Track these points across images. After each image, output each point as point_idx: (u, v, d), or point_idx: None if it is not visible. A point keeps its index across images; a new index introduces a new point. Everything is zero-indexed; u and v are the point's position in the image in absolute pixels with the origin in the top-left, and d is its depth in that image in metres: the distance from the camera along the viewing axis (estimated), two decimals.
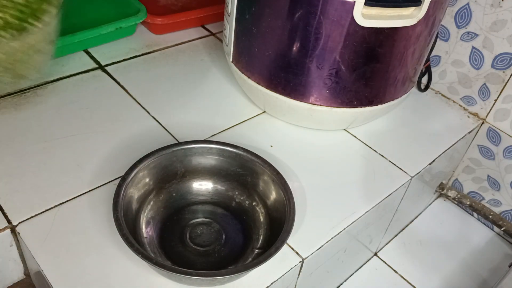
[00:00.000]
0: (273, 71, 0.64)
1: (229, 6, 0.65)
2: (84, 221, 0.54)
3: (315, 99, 0.65)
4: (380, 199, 0.64)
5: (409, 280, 0.78)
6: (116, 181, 0.58)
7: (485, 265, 0.84)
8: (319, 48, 0.60)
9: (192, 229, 0.56)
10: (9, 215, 0.53)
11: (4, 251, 0.54)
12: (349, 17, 0.56)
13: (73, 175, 0.59)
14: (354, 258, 0.74)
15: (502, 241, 0.88)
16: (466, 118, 0.83)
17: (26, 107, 0.66)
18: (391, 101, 0.69)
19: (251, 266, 0.47)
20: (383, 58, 0.62)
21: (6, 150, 0.60)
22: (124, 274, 0.50)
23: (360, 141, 0.73)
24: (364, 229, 0.66)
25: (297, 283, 0.58)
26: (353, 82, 0.63)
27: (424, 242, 0.85)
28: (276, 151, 0.67)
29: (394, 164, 0.70)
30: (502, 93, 0.79)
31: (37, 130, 0.63)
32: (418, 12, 0.59)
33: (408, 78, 0.69)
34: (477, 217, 0.90)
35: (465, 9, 0.77)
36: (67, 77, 0.73)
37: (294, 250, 0.56)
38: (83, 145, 0.63)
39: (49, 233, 0.52)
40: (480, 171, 0.87)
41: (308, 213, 0.60)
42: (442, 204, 0.92)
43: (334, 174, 0.66)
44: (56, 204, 0.55)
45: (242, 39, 0.66)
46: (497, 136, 0.82)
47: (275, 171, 0.56)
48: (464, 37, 0.79)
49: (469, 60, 0.80)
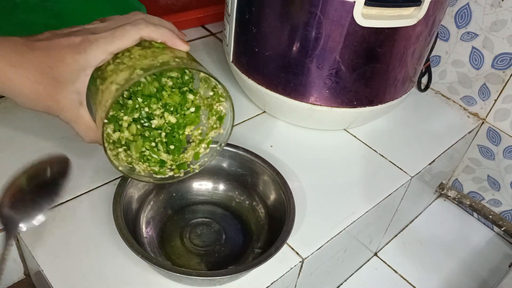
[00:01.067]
0: (273, 71, 0.64)
1: (229, 6, 0.65)
2: (84, 221, 0.54)
3: (315, 99, 0.65)
4: (380, 199, 0.64)
5: (409, 280, 0.78)
6: (116, 181, 0.58)
7: (485, 265, 0.84)
8: (319, 48, 0.60)
9: (192, 229, 0.56)
10: None
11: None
12: (349, 17, 0.56)
13: (73, 175, 0.59)
14: (354, 258, 0.74)
15: (502, 241, 0.88)
16: (466, 118, 0.83)
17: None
18: (391, 101, 0.69)
19: (251, 266, 0.47)
20: (383, 58, 0.62)
21: (6, 150, 0.60)
22: (124, 274, 0.50)
23: (360, 141, 0.73)
24: (364, 229, 0.66)
25: (297, 283, 0.58)
26: (353, 82, 0.63)
27: (424, 242, 0.85)
28: (276, 151, 0.67)
29: (394, 164, 0.70)
30: (502, 93, 0.79)
31: (37, 130, 0.63)
32: (418, 12, 0.59)
33: (408, 78, 0.69)
34: (477, 217, 0.90)
35: (465, 9, 0.77)
36: None
37: (294, 250, 0.56)
38: (83, 145, 0.63)
39: (49, 233, 0.52)
40: (480, 171, 0.87)
41: (308, 213, 0.60)
42: (442, 204, 0.92)
43: (334, 174, 0.66)
44: (56, 204, 0.55)
45: (242, 39, 0.66)
46: (497, 136, 0.82)
47: (275, 171, 0.56)
48: (464, 37, 0.79)
49: (469, 60, 0.80)
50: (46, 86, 0.42)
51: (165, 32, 0.46)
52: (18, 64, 0.40)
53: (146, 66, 0.44)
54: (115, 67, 0.45)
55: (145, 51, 0.45)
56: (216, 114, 0.52)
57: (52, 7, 0.81)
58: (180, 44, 0.47)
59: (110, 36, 0.44)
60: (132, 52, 0.45)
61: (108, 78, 0.44)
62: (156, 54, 0.45)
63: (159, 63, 0.44)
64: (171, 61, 0.45)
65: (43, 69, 0.41)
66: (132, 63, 0.44)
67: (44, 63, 0.41)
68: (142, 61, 0.44)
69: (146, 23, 0.45)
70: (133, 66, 0.44)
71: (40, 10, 0.80)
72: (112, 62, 0.45)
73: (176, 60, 0.45)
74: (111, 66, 0.45)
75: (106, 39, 0.43)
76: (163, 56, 0.45)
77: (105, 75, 0.45)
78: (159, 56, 0.45)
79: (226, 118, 0.52)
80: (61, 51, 0.42)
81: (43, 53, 0.41)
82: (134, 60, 0.44)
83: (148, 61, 0.44)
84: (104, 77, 0.45)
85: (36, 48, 0.42)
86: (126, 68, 0.44)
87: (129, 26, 0.45)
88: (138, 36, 0.45)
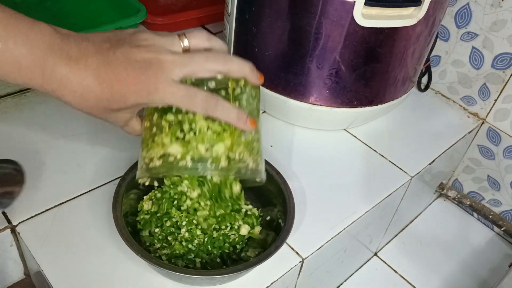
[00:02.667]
0: (273, 71, 0.64)
1: (229, 6, 0.65)
2: (84, 221, 0.54)
3: (315, 99, 0.65)
4: (380, 199, 0.64)
5: (409, 280, 0.78)
6: (116, 181, 0.58)
7: (485, 265, 0.84)
8: (319, 48, 0.60)
9: None
10: (9, 215, 0.53)
11: (4, 251, 0.54)
12: (349, 17, 0.56)
13: (73, 175, 0.59)
14: (354, 258, 0.74)
15: (502, 241, 0.88)
16: (466, 118, 0.83)
17: (27, 107, 0.66)
18: (391, 101, 0.69)
19: (251, 266, 0.47)
20: (383, 58, 0.62)
21: (6, 150, 0.60)
22: (124, 274, 0.50)
23: (360, 141, 0.73)
24: (364, 229, 0.66)
25: (297, 283, 0.58)
26: (353, 82, 0.63)
27: (424, 242, 0.84)
28: (276, 151, 0.67)
29: (394, 164, 0.70)
30: (502, 93, 0.79)
31: (37, 130, 0.63)
32: (418, 12, 0.59)
33: (408, 78, 0.69)
34: (477, 217, 0.90)
35: (465, 9, 0.77)
36: None
37: (294, 250, 0.56)
38: (83, 145, 0.63)
39: (49, 233, 0.52)
40: (480, 171, 0.87)
41: (308, 213, 0.60)
42: (442, 204, 0.92)
43: (334, 174, 0.66)
44: (56, 204, 0.55)
45: (242, 39, 0.66)
46: (497, 136, 0.82)
47: (275, 171, 0.56)
48: (464, 37, 0.79)
49: (469, 60, 0.80)
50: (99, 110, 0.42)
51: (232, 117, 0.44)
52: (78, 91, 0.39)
53: (198, 157, 0.44)
54: (174, 124, 0.44)
55: (208, 124, 0.45)
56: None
57: (52, 7, 0.81)
58: (244, 128, 0.45)
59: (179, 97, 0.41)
60: (196, 119, 0.45)
61: (163, 133, 0.45)
62: (214, 140, 0.44)
63: (211, 158, 0.44)
64: (222, 160, 0.44)
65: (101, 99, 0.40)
66: (189, 138, 0.44)
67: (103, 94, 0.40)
68: (198, 145, 0.44)
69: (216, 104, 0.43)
70: (187, 145, 0.44)
71: (39, 10, 0.80)
72: (174, 112, 0.45)
73: (228, 156, 0.45)
74: (171, 116, 0.45)
75: (173, 97, 0.41)
76: (219, 147, 0.44)
77: (163, 123, 0.45)
78: (216, 144, 0.44)
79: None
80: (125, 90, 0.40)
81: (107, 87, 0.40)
82: (191, 135, 0.44)
83: (203, 148, 0.44)
84: (161, 123, 0.45)
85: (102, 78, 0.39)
86: (181, 143, 0.44)
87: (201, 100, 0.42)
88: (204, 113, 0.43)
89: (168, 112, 0.45)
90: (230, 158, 0.45)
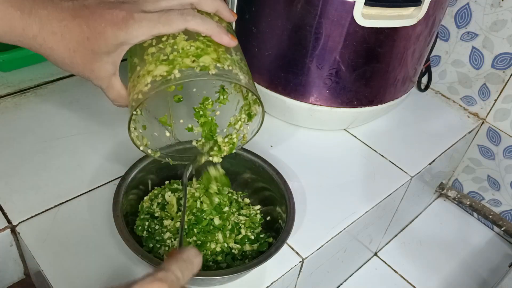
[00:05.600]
0: (273, 71, 0.64)
1: (229, 6, 0.65)
2: (84, 221, 0.54)
3: (315, 99, 0.65)
4: (380, 199, 0.64)
5: (409, 280, 0.78)
6: (116, 181, 0.58)
7: (485, 265, 0.84)
8: (319, 48, 0.60)
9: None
10: (9, 215, 0.53)
11: (4, 251, 0.54)
12: (349, 17, 0.56)
13: (73, 175, 0.59)
14: (354, 258, 0.74)
15: (502, 241, 0.88)
16: (466, 118, 0.83)
17: (27, 107, 0.67)
18: (391, 101, 0.69)
19: (251, 266, 0.47)
20: (383, 58, 0.62)
21: (6, 150, 0.60)
22: (124, 274, 0.50)
23: (360, 141, 0.73)
24: (364, 229, 0.66)
25: (297, 283, 0.58)
26: (353, 82, 0.63)
27: (424, 242, 0.85)
28: (276, 151, 0.67)
29: (394, 164, 0.70)
30: (502, 93, 0.79)
31: (37, 130, 0.63)
32: (418, 12, 0.59)
33: (408, 78, 0.69)
34: (477, 217, 0.90)
35: (465, 9, 0.77)
36: (67, 77, 0.73)
37: (294, 250, 0.56)
38: (83, 145, 0.63)
39: (49, 233, 0.52)
40: (480, 171, 0.87)
41: (308, 213, 0.60)
42: (442, 204, 0.92)
43: (334, 174, 0.66)
44: (56, 204, 0.55)
45: (242, 39, 0.66)
46: (497, 136, 0.82)
47: (275, 171, 0.56)
48: (464, 37, 0.79)
49: (469, 60, 0.80)
50: (81, 55, 0.43)
51: (211, 27, 0.45)
52: (58, 32, 0.41)
53: (185, 68, 0.43)
54: (156, 52, 0.44)
55: (190, 43, 0.44)
56: (247, 111, 0.52)
57: None
58: (226, 41, 0.46)
59: (155, 20, 0.43)
60: (176, 41, 0.44)
61: (147, 64, 0.44)
62: (199, 53, 0.44)
63: (199, 67, 0.43)
64: (211, 67, 0.43)
65: (81, 39, 0.42)
66: (173, 57, 0.43)
67: (83, 33, 0.42)
68: (183, 60, 0.43)
69: (194, 15, 0.44)
70: (172, 63, 0.43)
71: None
72: (154, 44, 0.45)
73: (217, 66, 0.44)
74: (153, 49, 0.44)
75: (150, 22, 0.43)
76: (204, 58, 0.44)
77: (145, 57, 0.45)
78: (201, 57, 0.44)
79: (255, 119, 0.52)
80: (102, 24, 0.42)
81: (84, 22, 0.42)
82: (175, 54, 0.43)
83: (189, 61, 0.43)
84: (143, 58, 0.45)
85: (79, 16, 0.42)
86: (166, 62, 0.43)
87: (176, 15, 0.43)
88: (183, 27, 0.44)
89: (148, 48, 0.45)
90: (219, 68, 0.44)
